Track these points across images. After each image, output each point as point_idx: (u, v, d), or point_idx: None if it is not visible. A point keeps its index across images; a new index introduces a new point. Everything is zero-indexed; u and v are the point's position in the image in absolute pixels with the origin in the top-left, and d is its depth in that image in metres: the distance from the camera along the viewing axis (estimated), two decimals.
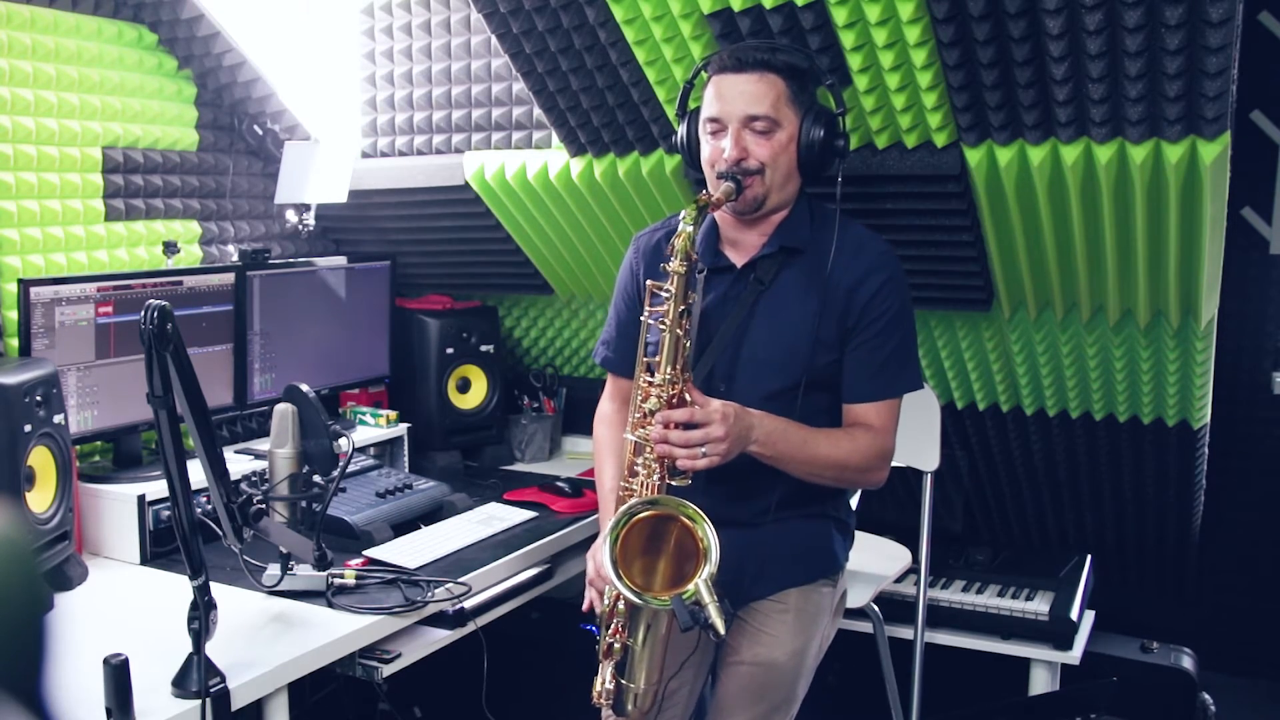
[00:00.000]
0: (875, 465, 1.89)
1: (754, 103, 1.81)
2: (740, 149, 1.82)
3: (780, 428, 1.79)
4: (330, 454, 2.03)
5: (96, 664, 1.47)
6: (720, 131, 1.84)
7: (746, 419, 1.75)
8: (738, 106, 1.82)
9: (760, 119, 1.81)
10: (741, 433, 1.73)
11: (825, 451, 1.84)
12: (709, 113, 1.86)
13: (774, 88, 1.82)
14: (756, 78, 1.81)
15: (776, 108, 1.82)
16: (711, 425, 1.69)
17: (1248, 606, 3.01)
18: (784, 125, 1.83)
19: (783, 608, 1.94)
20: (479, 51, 2.74)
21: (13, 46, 2.23)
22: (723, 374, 1.88)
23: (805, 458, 1.82)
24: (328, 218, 3.04)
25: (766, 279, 1.88)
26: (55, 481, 1.98)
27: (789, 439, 1.80)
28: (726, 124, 1.83)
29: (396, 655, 1.98)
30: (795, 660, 1.94)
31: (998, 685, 2.70)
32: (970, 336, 2.56)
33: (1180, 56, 1.74)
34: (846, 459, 1.85)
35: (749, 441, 1.75)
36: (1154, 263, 2.19)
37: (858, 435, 1.87)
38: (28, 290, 2.11)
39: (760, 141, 1.82)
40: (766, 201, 1.86)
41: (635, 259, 2.03)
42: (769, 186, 1.85)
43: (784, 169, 1.85)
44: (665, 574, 1.71)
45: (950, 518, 3.00)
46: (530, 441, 3.08)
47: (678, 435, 1.69)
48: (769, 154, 1.83)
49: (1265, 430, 2.86)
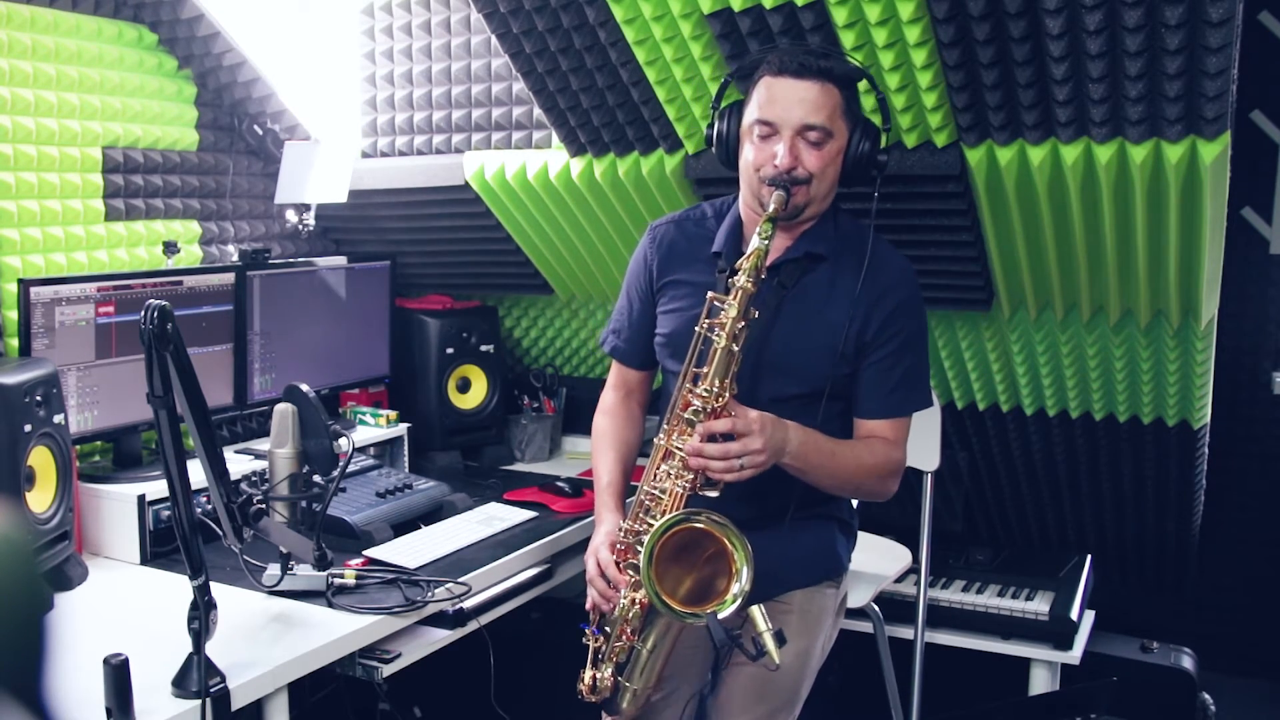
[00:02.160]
0: (891, 475, 1.89)
1: (812, 112, 1.76)
2: (793, 157, 1.77)
3: (812, 439, 1.79)
4: (330, 454, 2.03)
5: (96, 664, 1.47)
6: (772, 136, 1.79)
7: (782, 430, 1.74)
8: (795, 114, 1.77)
9: (816, 129, 1.77)
10: (778, 445, 1.72)
11: (851, 463, 1.84)
12: (762, 115, 1.79)
13: (832, 98, 1.78)
14: (818, 86, 1.77)
15: (833, 119, 1.78)
16: (751, 436, 1.68)
17: (1248, 606, 3.01)
18: (836, 137, 1.80)
19: (787, 609, 1.93)
20: (479, 51, 2.74)
21: (13, 46, 2.23)
22: (744, 374, 1.83)
23: (833, 469, 1.82)
24: (328, 218, 3.04)
25: (789, 283, 1.87)
26: (55, 481, 1.98)
27: (820, 450, 1.80)
28: (780, 129, 1.78)
29: (396, 655, 1.97)
30: (799, 662, 1.94)
31: (998, 685, 2.70)
32: (970, 336, 2.56)
33: (1180, 56, 1.74)
34: (870, 470, 1.86)
35: (784, 454, 1.74)
36: (1154, 263, 2.19)
37: (876, 446, 1.88)
38: (28, 290, 2.11)
39: (812, 151, 1.78)
40: (806, 210, 1.83)
41: (650, 251, 1.99)
42: (813, 196, 1.82)
43: (830, 179, 1.82)
44: (692, 587, 1.71)
45: (950, 518, 3.00)
46: (530, 441, 3.08)
47: (716, 448, 1.68)
48: (819, 164, 1.79)
49: (1265, 430, 2.86)
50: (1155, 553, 2.96)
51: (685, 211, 2.02)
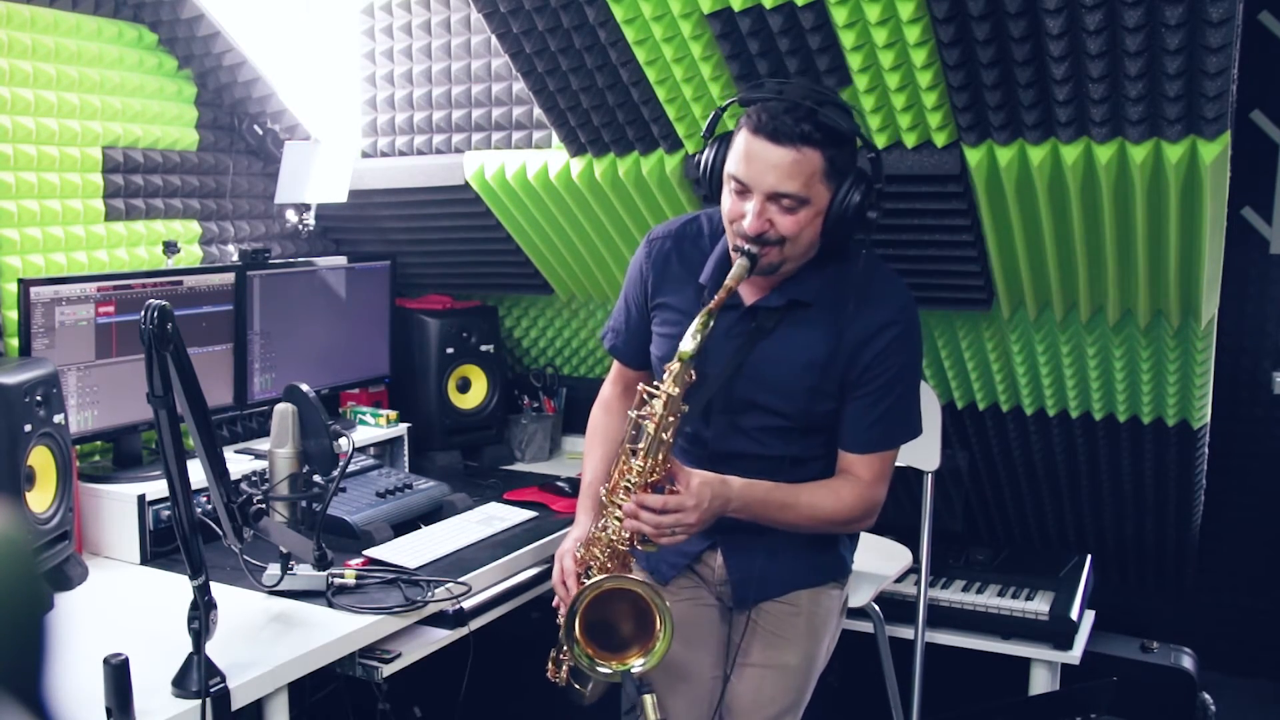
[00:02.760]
0: (860, 517, 1.86)
1: (784, 180, 1.66)
2: (763, 221, 1.69)
3: (759, 498, 1.78)
4: (330, 454, 2.03)
5: (96, 664, 1.47)
6: (744, 193, 1.71)
7: (724, 494, 1.73)
8: (766, 179, 1.67)
9: (789, 197, 1.67)
10: (716, 509, 1.73)
11: (806, 514, 1.82)
12: (734, 170, 1.71)
13: (810, 164, 1.66)
14: (793, 154, 1.65)
15: (809, 185, 1.68)
16: (684, 512, 1.69)
17: (1248, 606, 3.01)
18: (813, 202, 1.69)
19: (794, 610, 1.93)
20: (479, 51, 2.74)
21: (13, 46, 2.23)
22: (720, 408, 1.85)
23: (787, 520, 1.82)
24: (328, 218, 3.04)
25: (768, 327, 1.82)
26: (55, 481, 1.98)
27: (768, 505, 1.79)
28: (751, 190, 1.70)
29: (396, 655, 1.98)
30: (806, 663, 1.95)
31: (998, 685, 2.70)
32: (970, 336, 2.56)
33: (1180, 56, 1.74)
34: (830, 516, 1.84)
35: (723, 514, 1.75)
36: (1154, 263, 2.19)
37: (843, 490, 1.84)
38: (28, 290, 2.11)
39: (785, 216, 1.69)
40: (783, 267, 1.77)
41: (645, 265, 1.95)
42: (786, 256, 1.74)
43: (806, 240, 1.74)
44: (620, 635, 1.77)
45: (950, 518, 3.00)
46: (530, 441, 3.08)
47: (649, 517, 1.70)
48: (793, 229, 1.70)
49: (1265, 430, 2.86)
50: (1155, 553, 2.96)
51: (683, 224, 1.95)
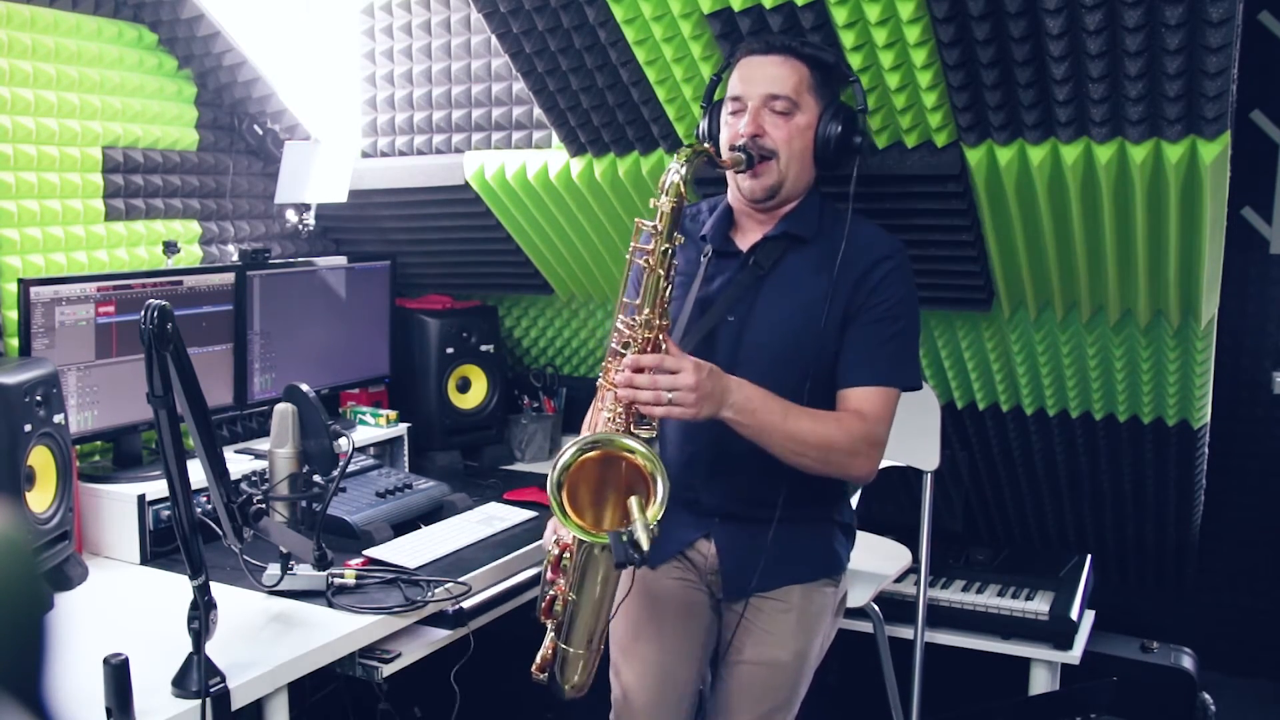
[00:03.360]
0: (862, 450, 1.79)
1: (776, 83, 1.83)
2: (757, 125, 1.82)
3: (759, 396, 1.73)
4: (330, 454, 2.03)
5: (96, 664, 1.47)
6: (741, 111, 1.85)
7: (723, 380, 1.70)
8: (760, 85, 1.84)
9: (781, 99, 1.83)
10: (714, 391, 1.67)
11: (808, 427, 1.75)
12: (732, 92, 1.87)
13: (797, 72, 1.84)
14: (781, 60, 1.84)
15: (798, 91, 1.84)
16: (681, 373, 1.64)
17: (1248, 606, 3.01)
18: (804, 110, 1.85)
19: (786, 607, 1.93)
20: (479, 51, 2.74)
21: (13, 46, 2.23)
22: (725, 361, 1.81)
23: (786, 431, 1.73)
24: (328, 217, 3.04)
25: (766, 263, 1.87)
26: (55, 481, 1.98)
27: (769, 409, 1.73)
28: (747, 102, 1.84)
29: (396, 655, 1.97)
30: (798, 660, 1.94)
31: (998, 685, 2.70)
32: (970, 336, 2.56)
33: (1180, 56, 1.74)
34: (831, 439, 1.76)
35: (723, 404, 1.69)
36: (1154, 263, 2.19)
37: (845, 419, 1.80)
38: (28, 290, 2.11)
39: (778, 122, 1.83)
40: (781, 190, 1.86)
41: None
42: (784, 174, 1.84)
43: (799, 156, 1.85)
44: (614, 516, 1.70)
45: (950, 518, 3.00)
46: (530, 441, 3.08)
47: (644, 378, 1.65)
48: (785, 135, 1.83)
49: (1265, 430, 2.86)
50: (1155, 553, 2.96)
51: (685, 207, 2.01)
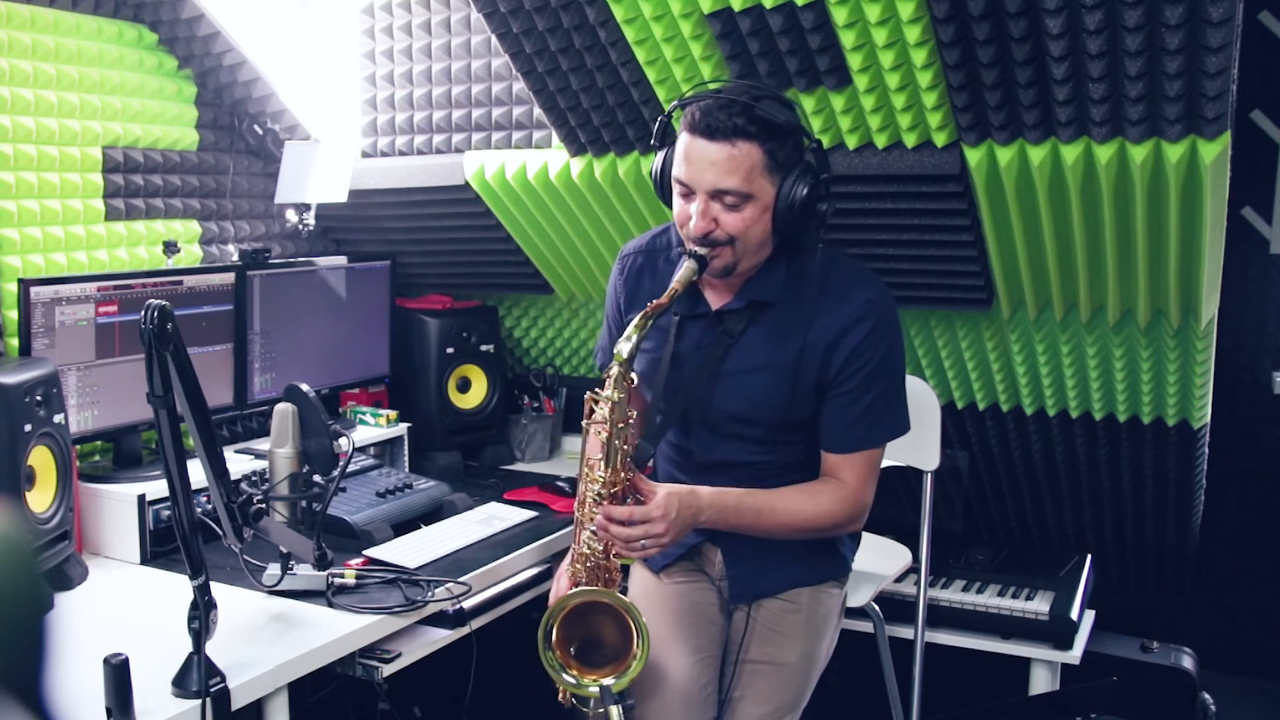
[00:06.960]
0: (844, 521, 1.84)
1: (723, 176, 1.64)
2: (708, 221, 1.68)
3: (733, 505, 1.77)
4: (330, 454, 2.03)
5: (96, 664, 1.47)
6: (689, 195, 1.70)
7: (693, 505, 1.73)
8: (706, 177, 1.65)
9: (730, 193, 1.65)
10: (687, 520, 1.73)
11: (784, 520, 1.80)
12: (677, 173, 1.70)
13: (747, 158, 1.64)
14: (728, 148, 1.63)
15: (749, 179, 1.65)
16: (652, 523, 1.69)
17: (1248, 606, 3.01)
18: (758, 196, 1.67)
19: (794, 608, 1.93)
20: (479, 51, 2.74)
21: (13, 46, 2.23)
22: (698, 420, 1.85)
23: (765, 527, 1.80)
24: (328, 217, 3.04)
25: (735, 331, 1.80)
26: (55, 481, 1.98)
27: (742, 514, 1.78)
28: (694, 191, 1.68)
29: (396, 655, 1.98)
30: (805, 662, 1.95)
31: (998, 685, 2.70)
32: (970, 336, 2.56)
33: (1180, 56, 1.74)
34: (810, 522, 1.81)
35: (696, 524, 1.75)
36: (1154, 263, 2.19)
37: (822, 495, 1.81)
38: (28, 290, 2.11)
39: (730, 214, 1.67)
40: (736, 268, 1.75)
41: (619, 283, 1.95)
42: (739, 256, 1.72)
43: (756, 238, 1.71)
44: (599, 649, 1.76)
45: (950, 518, 2.99)
46: (530, 441, 3.08)
47: (618, 530, 1.70)
48: (739, 227, 1.68)
49: (1265, 430, 2.86)
50: (1155, 553, 2.96)
51: (653, 238, 1.95)
